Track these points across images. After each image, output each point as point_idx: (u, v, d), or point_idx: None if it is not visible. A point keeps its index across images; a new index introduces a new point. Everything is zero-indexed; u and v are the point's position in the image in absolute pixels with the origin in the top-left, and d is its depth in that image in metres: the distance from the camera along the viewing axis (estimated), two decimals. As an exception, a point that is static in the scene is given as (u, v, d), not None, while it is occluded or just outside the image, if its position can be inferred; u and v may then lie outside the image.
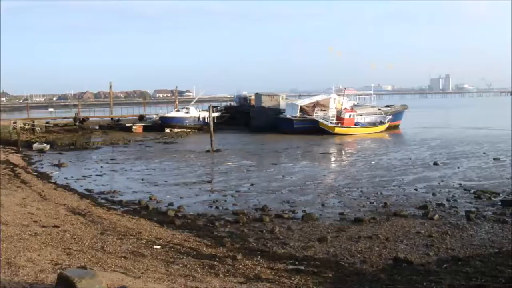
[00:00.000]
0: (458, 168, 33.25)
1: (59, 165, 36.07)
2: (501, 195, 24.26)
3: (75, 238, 14.08)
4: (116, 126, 70.31)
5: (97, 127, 70.41)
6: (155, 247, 14.41)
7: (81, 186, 28.10)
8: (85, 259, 11.61)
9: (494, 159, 36.96)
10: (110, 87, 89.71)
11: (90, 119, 76.23)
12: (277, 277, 12.18)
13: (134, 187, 27.80)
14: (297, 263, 13.93)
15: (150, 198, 24.30)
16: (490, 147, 44.95)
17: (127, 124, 69.78)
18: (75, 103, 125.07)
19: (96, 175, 32.33)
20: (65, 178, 30.74)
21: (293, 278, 12.17)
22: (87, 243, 13.60)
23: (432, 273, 12.35)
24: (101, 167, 36.03)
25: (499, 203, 22.28)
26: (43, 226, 15.24)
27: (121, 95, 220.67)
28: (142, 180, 30.28)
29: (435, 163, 35.12)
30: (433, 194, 24.72)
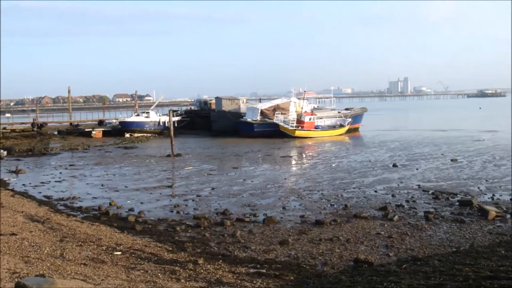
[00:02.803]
0: (417, 169, 33.71)
1: (16, 172, 35.45)
2: (458, 195, 24.69)
3: (33, 246, 13.87)
4: (75, 131, 69.43)
5: (55, 133, 69.48)
6: (115, 253, 14.28)
7: (40, 192, 27.66)
8: (44, 267, 11.45)
9: (451, 160, 37.58)
10: (69, 91, 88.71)
11: (49, 124, 75.03)
12: (239, 281, 12.18)
13: (94, 193, 27.49)
14: (258, 266, 13.94)
15: (110, 204, 24.06)
16: (447, 148, 45.70)
17: (86, 129, 68.95)
18: (33, 108, 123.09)
19: (55, 181, 31.87)
20: (23, 185, 30.22)
21: (254, 282, 12.19)
22: (46, 251, 13.41)
23: (392, 274, 12.48)
24: (60, 173, 35.54)
25: (457, 203, 22.69)
26: (0, 234, 14.97)
27: (80, 99, 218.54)
28: (102, 185, 29.97)
29: (395, 165, 35.55)
30: (393, 196, 25.03)
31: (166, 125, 63.52)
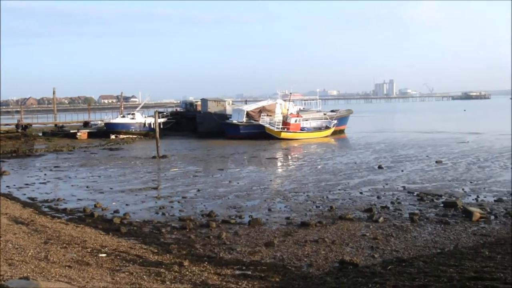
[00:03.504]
0: (402, 171, 33.86)
1: (0, 173, 35.21)
2: (443, 197, 24.84)
3: (17, 248, 13.76)
4: (60, 132, 69.13)
5: (40, 134, 69.14)
6: (100, 255, 14.22)
7: (24, 194, 27.50)
8: (28, 270, 11.36)
9: (436, 162, 37.79)
10: (54, 92, 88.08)
11: (33, 125, 74.47)
12: (224, 283, 12.17)
13: (79, 195, 27.36)
14: (244, 268, 13.94)
15: (95, 206, 23.96)
16: (432, 150, 45.95)
17: (71, 131, 68.69)
18: (18, 109, 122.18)
19: (40, 183, 31.69)
20: (7, 186, 30.02)
21: (240, 283, 12.19)
22: (30, 253, 13.31)
23: (377, 275, 12.51)
24: (45, 174, 35.34)
25: (441, 205, 22.81)
26: (-16, 236, 14.86)
27: (65, 101, 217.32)
28: (87, 187, 29.83)
29: (380, 167, 35.67)
30: (378, 197, 25.13)
31: (152, 126, 63.45)
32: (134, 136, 68.47)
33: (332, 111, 75.46)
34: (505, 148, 45.56)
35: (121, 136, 67.73)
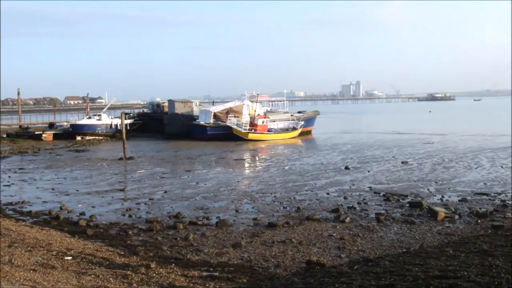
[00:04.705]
0: (369, 172, 34.13)
1: (-37, 176, 34.63)
2: (409, 197, 25.12)
3: (-20, 252, 13.56)
4: (25, 134, 68.18)
5: (4, 135, 68.03)
6: (66, 258, 14.08)
7: (-13, 197, 27.09)
8: (-8, 273, 11.21)
9: (402, 162, 38.19)
10: (18, 93, 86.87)
11: (-3, 127, 73.54)
12: (192, 285, 12.16)
13: (44, 197, 27.03)
14: (211, 269, 13.95)
15: (61, 208, 23.71)
16: (398, 151, 46.41)
17: (36, 132, 67.80)
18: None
19: (4, 185, 31.20)
20: (-30, 189, 29.55)
21: (207, 285, 12.18)
22: (-7, 257, 13.12)
23: (344, 275, 12.61)
24: (9, 176, 34.81)
25: (407, 205, 23.06)
26: None
27: (30, 102, 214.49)
28: (53, 189, 29.50)
29: (347, 168, 35.91)
30: (345, 198, 25.30)
31: (118, 128, 63.01)
32: (100, 137, 67.91)
33: (299, 112, 75.73)
34: (469, 149, 46.31)
35: (87, 138, 67.09)
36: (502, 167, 34.88)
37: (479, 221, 19.79)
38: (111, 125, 69.96)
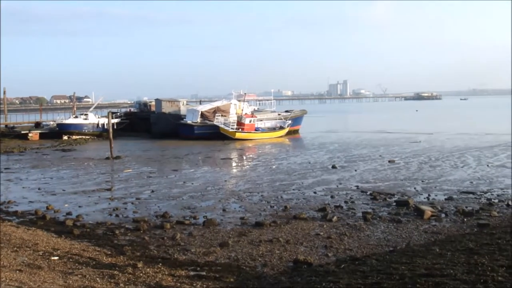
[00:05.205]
0: (356, 170, 34.23)
1: None
2: (395, 196, 25.22)
3: (-35, 252, 13.48)
4: (11, 133, 67.60)
5: (-10, 135, 67.60)
6: (52, 258, 14.02)
7: (-27, 197, 26.90)
8: (-23, 274, 11.14)
9: (389, 161, 38.33)
10: (4, 92, 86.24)
11: (-17, 126, 72.99)
12: (179, 284, 12.15)
13: (30, 197, 26.89)
14: (198, 269, 13.94)
15: (47, 208, 23.61)
16: (385, 150, 46.56)
17: (22, 132, 67.28)
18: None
19: (-11, 185, 31.04)
20: (-45, 189, 29.32)
21: (194, 284, 12.18)
22: (-21, 257, 13.05)
23: (331, 274, 12.64)
24: (-5, 176, 34.62)
25: (394, 204, 23.16)
26: None
27: (16, 101, 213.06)
28: (39, 189, 29.34)
29: (334, 167, 35.99)
30: (332, 197, 25.35)
31: (105, 127, 62.74)
32: (87, 137, 67.62)
33: (286, 111, 75.82)
34: (456, 148, 46.57)
35: (74, 137, 66.79)
36: (488, 165, 35.11)
37: (465, 219, 19.91)
38: (98, 124, 69.68)
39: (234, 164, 41.71)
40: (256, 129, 64.52)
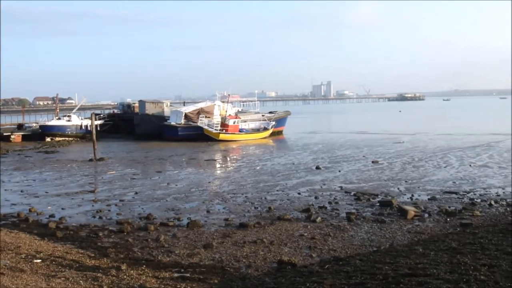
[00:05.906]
0: (339, 171, 34.31)
1: None
2: (379, 196, 25.33)
3: None
4: (-7, 135, 67.24)
5: (-29, 137, 67.06)
6: (35, 261, 13.94)
7: (-46, 200, 26.66)
8: (-41, 277, 11.05)
9: (372, 162, 38.47)
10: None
11: (-36, 128, 72.39)
12: (163, 286, 12.12)
13: (13, 199, 26.69)
14: (182, 270, 13.92)
15: (30, 210, 23.45)
16: (369, 150, 46.71)
17: (4, 133, 66.78)
18: None
19: (-29, 187, 30.77)
20: None
21: (178, 286, 12.16)
22: (-40, 260, 12.94)
23: (315, 274, 12.68)
24: (-23, 179, 34.34)
25: (378, 204, 23.26)
26: None
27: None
28: (21, 191, 29.13)
29: (317, 167, 36.06)
30: (316, 198, 25.40)
31: (89, 128, 62.48)
32: (70, 138, 67.30)
33: (270, 112, 75.95)
34: (438, 148, 46.87)
35: (57, 139, 66.41)
36: (470, 165, 35.36)
37: (448, 219, 20.04)
38: (81, 126, 69.37)
39: (218, 165, 41.68)
40: (240, 130, 64.57)
